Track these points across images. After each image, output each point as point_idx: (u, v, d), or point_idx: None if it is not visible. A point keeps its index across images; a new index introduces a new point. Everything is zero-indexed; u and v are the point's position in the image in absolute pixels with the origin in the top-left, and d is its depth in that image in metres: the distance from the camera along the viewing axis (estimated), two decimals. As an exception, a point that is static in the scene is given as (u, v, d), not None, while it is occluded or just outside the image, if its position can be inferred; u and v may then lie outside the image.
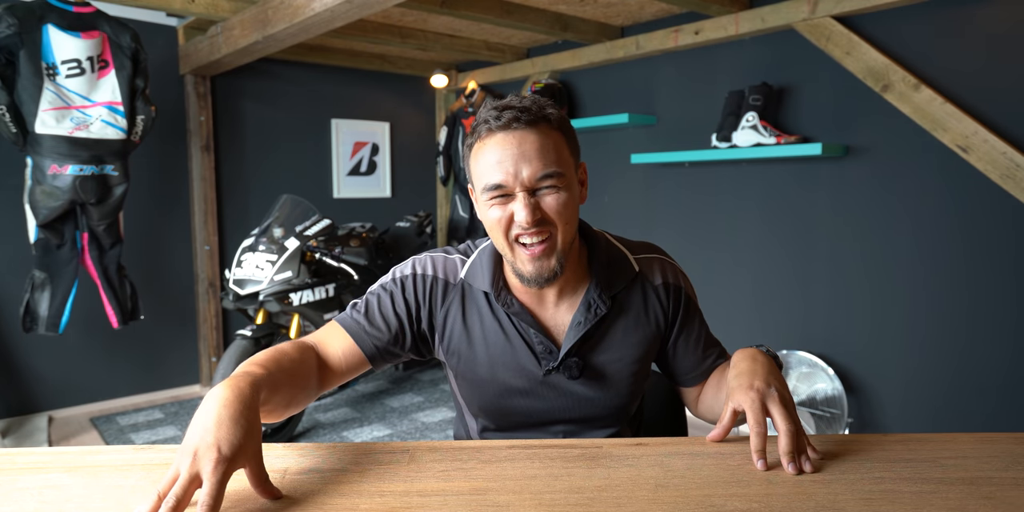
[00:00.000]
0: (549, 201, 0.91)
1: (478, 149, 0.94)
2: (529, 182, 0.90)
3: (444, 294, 1.04)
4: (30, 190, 2.66)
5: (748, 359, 0.92)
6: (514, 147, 0.90)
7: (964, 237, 2.31)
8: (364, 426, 3.15)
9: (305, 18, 2.37)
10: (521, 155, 0.89)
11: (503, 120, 0.90)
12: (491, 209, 0.93)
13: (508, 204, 0.92)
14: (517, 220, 0.91)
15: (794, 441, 0.81)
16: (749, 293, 2.97)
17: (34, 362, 3.16)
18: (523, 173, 0.89)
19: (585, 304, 1.01)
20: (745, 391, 0.85)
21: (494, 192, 0.91)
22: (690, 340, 1.08)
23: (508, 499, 0.72)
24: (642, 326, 1.05)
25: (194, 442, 0.69)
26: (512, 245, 0.94)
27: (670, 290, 1.07)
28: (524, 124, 0.90)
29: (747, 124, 2.65)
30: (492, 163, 0.91)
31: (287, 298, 2.79)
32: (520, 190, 0.90)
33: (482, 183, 0.92)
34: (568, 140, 0.95)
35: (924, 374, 2.45)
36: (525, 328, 1.02)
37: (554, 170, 0.90)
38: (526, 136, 0.90)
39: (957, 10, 2.27)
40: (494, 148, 0.91)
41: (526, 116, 0.90)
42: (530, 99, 0.93)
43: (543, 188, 0.91)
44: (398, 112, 4.32)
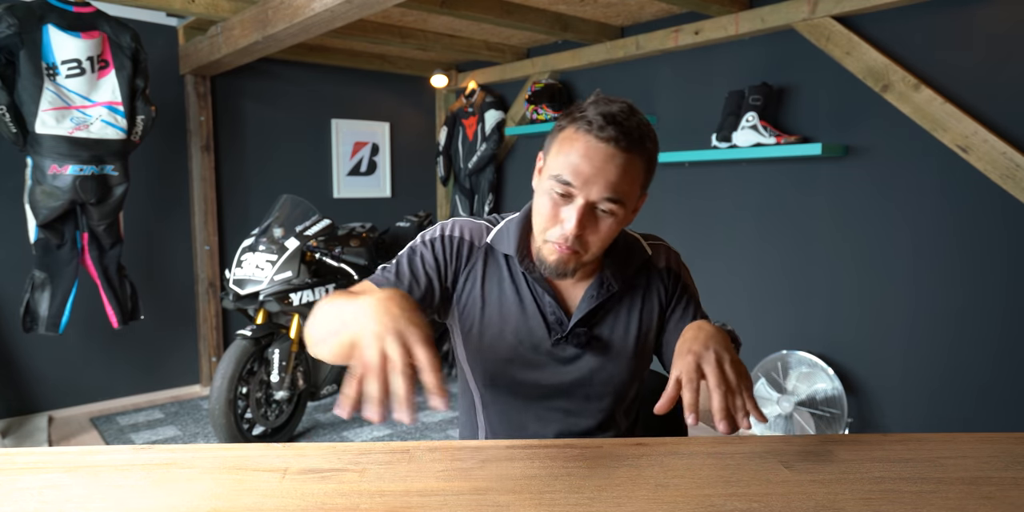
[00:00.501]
0: (600, 224, 0.96)
1: (568, 138, 0.95)
2: (595, 197, 0.93)
3: (468, 256, 1.08)
4: (30, 190, 2.66)
5: (693, 329, 0.94)
6: (600, 161, 0.92)
7: (964, 237, 2.31)
8: (364, 426, 3.15)
9: (305, 18, 2.37)
10: (602, 172, 0.92)
11: (605, 133, 0.91)
12: (546, 199, 0.96)
13: (563, 206, 0.95)
14: (565, 224, 0.95)
15: (724, 399, 0.79)
16: (749, 293, 2.97)
17: (34, 362, 3.16)
18: (594, 188, 0.93)
19: (599, 281, 1.07)
20: (682, 356, 0.86)
21: (560, 186, 0.94)
22: (685, 321, 1.12)
23: (508, 499, 0.72)
24: (647, 306, 1.11)
25: (389, 324, 0.73)
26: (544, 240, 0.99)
27: (670, 274, 1.14)
28: (621, 148, 0.92)
29: (747, 124, 2.65)
30: (573, 163, 0.93)
31: (287, 298, 2.79)
32: (582, 199, 0.94)
33: (555, 171, 0.95)
34: (647, 173, 0.99)
35: (924, 374, 2.45)
36: (541, 295, 1.06)
37: (619, 197, 0.94)
38: (617, 156, 0.92)
39: (957, 10, 2.27)
40: (582, 152, 0.93)
41: (626, 141, 0.92)
42: (637, 120, 0.95)
43: (601, 208, 0.95)
44: (398, 112, 4.32)
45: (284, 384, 2.81)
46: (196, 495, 0.72)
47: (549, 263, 0.99)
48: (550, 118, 3.56)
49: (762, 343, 2.90)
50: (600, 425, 1.11)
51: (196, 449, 0.84)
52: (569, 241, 0.95)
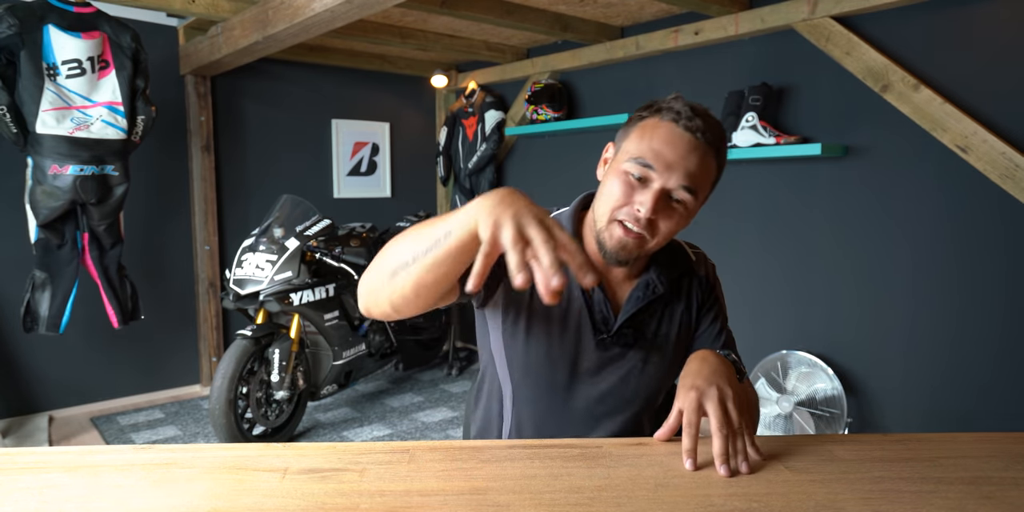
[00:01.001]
0: (671, 213, 0.96)
1: (651, 125, 0.96)
2: (673, 183, 0.93)
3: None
4: (30, 190, 2.66)
5: (697, 360, 0.95)
6: (683, 149, 0.93)
7: (963, 237, 2.31)
8: (364, 426, 3.15)
9: (305, 18, 2.37)
10: (685, 159, 0.93)
11: (693, 123, 0.93)
12: (619, 181, 0.95)
13: (638, 190, 0.95)
14: (639, 207, 0.94)
15: (725, 443, 0.81)
16: (749, 293, 2.97)
17: (34, 362, 3.16)
18: (675, 174, 0.93)
19: (644, 283, 1.07)
20: (686, 391, 0.87)
21: (639, 168, 0.94)
22: (711, 333, 1.13)
23: (508, 499, 0.72)
24: (686, 310, 1.12)
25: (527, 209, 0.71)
26: (612, 220, 0.97)
27: (707, 284, 1.15)
28: (704, 140, 0.94)
29: (747, 124, 2.65)
30: (656, 148, 0.94)
31: (287, 298, 2.79)
32: (659, 184, 0.93)
33: (634, 153, 0.95)
34: (717, 177, 0.99)
35: (924, 374, 2.45)
36: (592, 291, 1.05)
37: (694, 187, 0.94)
38: (699, 148, 0.94)
39: (957, 10, 2.27)
40: (667, 138, 0.94)
41: (710, 135, 0.94)
42: (718, 123, 0.98)
43: (676, 197, 0.95)
44: (398, 112, 4.32)
45: (284, 384, 2.81)
46: (196, 495, 0.72)
47: (611, 246, 0.97)
48: (550, 118, 3.56)
49: (762, 343, 2.90)
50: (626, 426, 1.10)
51: (196, 449, 0.84)
52: (642, 222, 0.94)
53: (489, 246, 0.70)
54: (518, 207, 0.71)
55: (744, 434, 0.84)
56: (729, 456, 0.80)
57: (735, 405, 0.85)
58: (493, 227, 0.70)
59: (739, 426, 0.84)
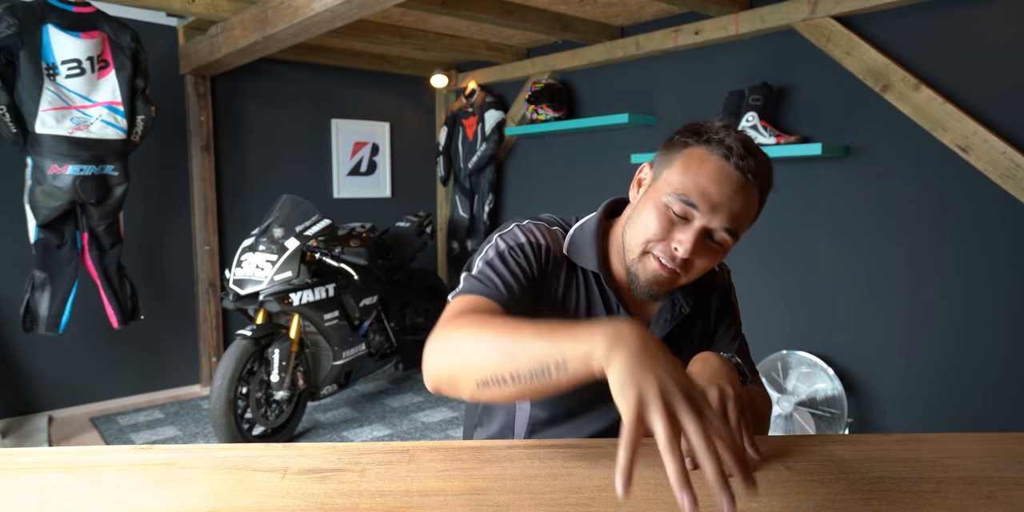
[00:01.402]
0: (709, 253, 0.93)
1: (700, 158, 0.90)
2: (716, 225, 0.90)
3: (554, 264, 1.01)
4: (30, 190, 2.66)
5: (699, 362, 0.94)
6: (731, 190, 0.89)
7: (964, 237, 2.31)
8: (364, 426, 3.15)
9: (305, 18, 2.37)
10: (731, 201, 0.89)
11: (744, 161, 0.88)
12: (657, 214, 0.92)
13: (677, 227, 0.91)
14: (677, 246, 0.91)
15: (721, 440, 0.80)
16: (749, 293, 2.97)
17: (34, 362, 3.16)
18: (719, 216, 0.89)
19: (671, 303, 1.05)
20: None
21: (682, 206, 0.90)
22: (725, 339, 1.13)
23: (508, 499, 0.72)
24: (709, 324, 1.11)
25: (673, 379, 0.61)
26: (646, 252, 0.94)
27: (725, 290, 1.14)
28: (752, 181, 0.89)
29: (747, 124, 2.65)
30: (702, 185, 0.89)
31: (287, 298, 2.79)
32: (701, 224, 0.90)
33: (678, 188, 0.90)
34: (757, 215, 0.96)
35: (924, 374, 2.45)
36: (619, 313, 1.02)
37: (736, 230, 0.92)
38: (747, 189, 0.90)
39: (957, 10, 2.27)
40: (715, 176, 0.89)
41: (759, 178, 0.90)
42: (766, 159, 0.93)
43: (716, 238, 0.92)
44: (398, 112, 4.32)
45: (284, 384, 2.81)
46: (196, 495, 0.72)
47: (644, 280, 0.95)
48: (550, 118, 3.56)
49: (762, 343, 2.90)
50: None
51: (196, 449, 0.84)
52: (677, 261, 0.92)
53: (635, 434, 0.58)
54: (661, 375, 0.60)
55: (743, 434, 0.84)
56: None
57: (735, 405, 0.85)
58: (637, 406, 0.59)
59: (737, 426, 0.84)
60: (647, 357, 0.62)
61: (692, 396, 0.61)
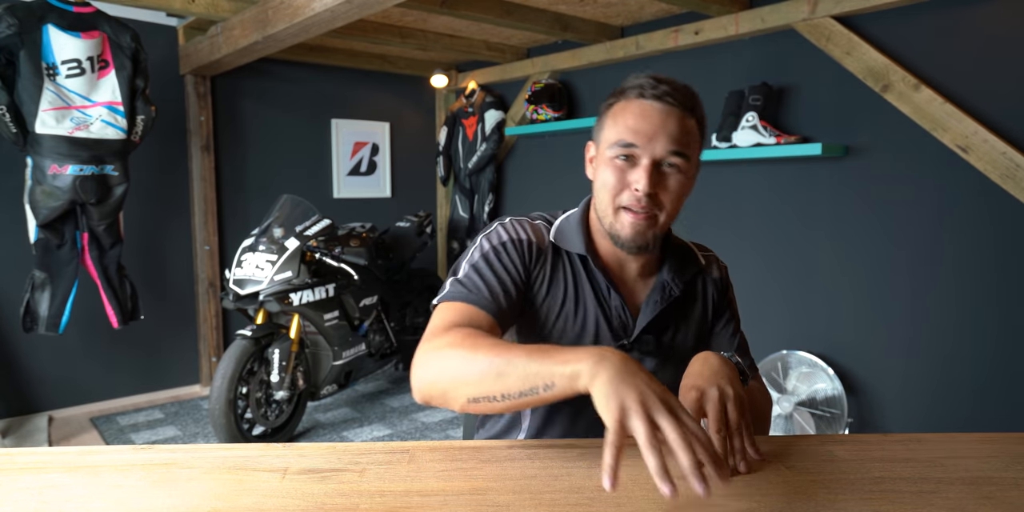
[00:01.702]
0: (670, 181, 0.94)
1: (621, 108, 0.95)
2: (660, 153, 0.92)
3: (538, 257, 1.04)
4: (30, 190, 2.66)
5: (699, 361, 0.94)
6: (658, 118, 0.92)
7: (964, 237, 2.31)
8: (364, 426, 3.15)
9: (305, 18, 2.37)
10: (663, 127, 0.92)
11: (659, 90, 0.92)
12: (609, 169, 0.95)
13: (629, 171, 0.94)
14: (636, 186, 0.93)
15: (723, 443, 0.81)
16: (749, 293, 2.97)
17: (34, 362, 3.16)
18: (658, 144, 0.92)
19: (660, 285, 1.06)
20: (686, 392, 0.88)
21: (623, 149, 0.93)
22: (725, 335, 1.13)
23: (508, 499, 0.72)
24: (703, 314, 1.11)
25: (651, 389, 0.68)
26: (616, 208, 0.96)
27: (722, 285, 1.15)
28: (676, 103, 0.93)
29: (747, 124, 2.65)
30: (631, 125, 0.93)
31: (287, 298, 2.79)
32: (647, 158, 0.93)
33: (613, 139, 0.94)
34: (701, 138, 0.98)
35: (924, 374, 2.45)
36: (607, 297, 1.04)
37: (683, 150, 0.93)
38: (673, 113, 0.93)
39: (957, 10, 2.27)
40: (638, 113, 0.93)
41: (680, 96, 0.93)
42: (685, 86, 0.96)
43: (668, 165, 0.94)
44: (398, 112, 4.32)
45: (284, 384, 2.81)
46: (196, 495, 0.72)
47: (626, 235, 0.96)
48: (550, 118, 3.56)
49: (762, 343, 2.90)
50: None
51: (196, 449, 0.84)
52: (643, 201, 0.93)
53: (618, 438, 0.65)
54: (640, 387, 0.68)
55: (743, 434, 0.84)
56: (727, 455, 0.80)
57: (735, 405, 0.86)
58: (619, 414, 0.66)
59: (737, 426, 0.84)
60: (628, 373, 0.69)
61: (670, 403, 0.67)
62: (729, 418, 0.84)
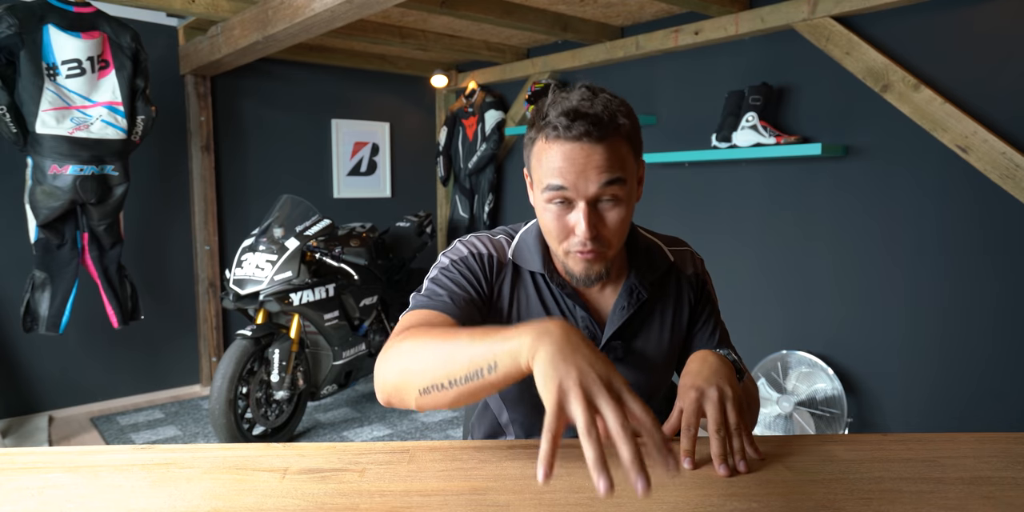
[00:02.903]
0: (610, 217, 0.92)
1: (542, 148, 0.91)
2: (593, 192, 0.89)
3: (499, 271, 1.04)
4: (30, 190, 2.66)
5: (698, 360, 0.95)
6: (581, 160, 0.88)
7: (963, 237, 2.31)
8: (364, 426, 3.15)
9: (305, 18, 2.37)
10: (588, 164, 0.88)
11: (573, 132, 0.87)
12: (549, 214, 0.93)
13: (567, 213, 0.92)
14: (577, 231, 0.91)
15: (722, 444, 0.81)
16: (749, 293, 2.97)
17: (34, 362, 3.16)
18: (588, 184, 0.88)
19: (627, 290, 1.04)
20: (685, 391, 0.88)
21: (555, 193, 0.90)
22: (706, 330, 1.12)
23: (508, 499, 0.72)
24: (676, 313, 1.09)
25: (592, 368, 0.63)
26: (566, 253, 0.95)
27: (697, 281, 1.12)
28: (595, 139, 0.87)
29: (747, 124, 2.65)
30: (556, 168, 0.89)
31: (287, 298, 2.79)
32: (581, 200, 0.90)
33: (543, 181, 0.91)
34: (635, 146, 0.94)
35: (924, 374, 2.45)
36: (572, 309, 1.03)
37: (617, 176, 0.89)
38: (595, 149, 0.88)
39: (957, 10, 2.27)
40: (558, 156, 0.89)
41: (598, 131, 0.87)
42: (602, 103, 0.89)
43: (604, 199, 0.91)
44: (398, 112, 4.32)
45: (284, 384, 2.81)
46: (196, 495, 0.72)
47: (579, 274, 0.96)
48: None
49: (762, 343, 2.90)
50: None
51: (196, 449, 0.84)
52: (588, 245, 0.92)
53: (555, 423, 0.60)
54: (581, 365, 0.63)
55: (742, 434, 0.84)
56: (727, 456, 0.81)
57: (734, 406, 0.86)
58: (558, 394, 0.61)
59: (737, 426, 0.84)
60: (568, 349, 0.65)
61: (612, 384, 0.63)
62: (728, 418, 0.84)
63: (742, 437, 0.83)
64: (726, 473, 0.79)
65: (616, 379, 0.64)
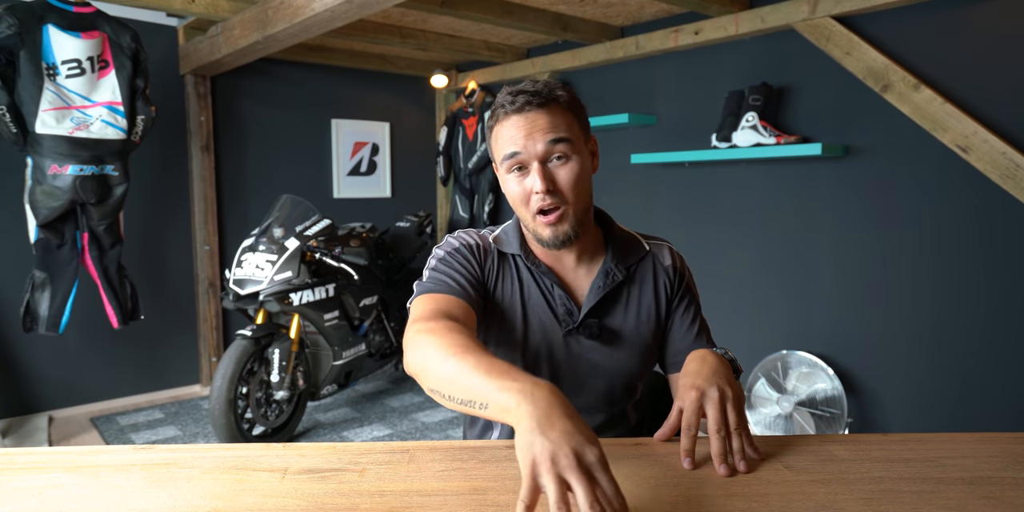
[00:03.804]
0: (561, 173, 1.00)
1: (497, 130, 1.03)
2: (542, 151, 0.99)
3: (486, 257, 1.11)
4: (30, 190, 2.66)
5: (697, 360, 0.96)
6: (527, 125, 0.99)
7: (963, 237, 2.31)
8: (364, 426, 3.15)
9: (305, 18, 2.37)
10: (533, 127, 0.99)
11: (517, 104, 0.99)
12: (512, 182, 1.02)
13: (525, 178, 1.01)
14: (535, 189, 0.99)
15: (722, 444, 0.82)
16: (749, 293, 2.97)
17: (34, 362, 3.16)
18: (536, 144, 0.99)
19: (604, 271, 1.10)
20: (686, 391, 0.89)
21: (511, 161, 1.00)
22: (684, 324, 1.14)
23: (508, 499, 0.72)
24: (653, 297, 1.13)
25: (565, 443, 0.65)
26: (532, 215, 1.03)
27: (676, 272, 1.16)
28: (536, 106, 0.99)
29: (747, 124, 2.65)
30: (507, 138, 1.00)
31: (287, 298, 2.79)
32: (534, 160, 0.99)
33: (501, 155, 1.02)
34: (578, 117, 1.04)
35: (924, 374, 2.45)
36: (550, 288, 1.09)
37: (563, 136, 0.99)
38: (538, 115, 0.99)
39: (957, 10, 2.27)
40: (510, 128, 1.00)
41: (537, 99, 0.99)
42: (542, 82, 1.02)
43: (554, 157, 1.00)
44: (398, 112, 4.32)
45: (284, 384, 2.81)
46: (196, 495, 0.72)
47: (547, 235, 1.02)
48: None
49: (762, 343, 2.90)
50: (612, 419, 1.13)
51: (196, 449, 0.84)
52: (546, 198, 0.99)
53: (529, 494, 0.63)
54: (555, 441, 0.65)
55: (743, 434, 0.84)
56: (727, 455, 0.81)
57: (734, 406, 0.86)
58: (531, 469, 0.64)
59: (737, 426, 0.84)
60: (546, 422, 0.67)
61: (583, 460, 0.65)
62: (728, 419, 0.85)
63: (742, 437, 0.84)
64: (726, 473, 0.79)
65: (589, 453, 0.66)
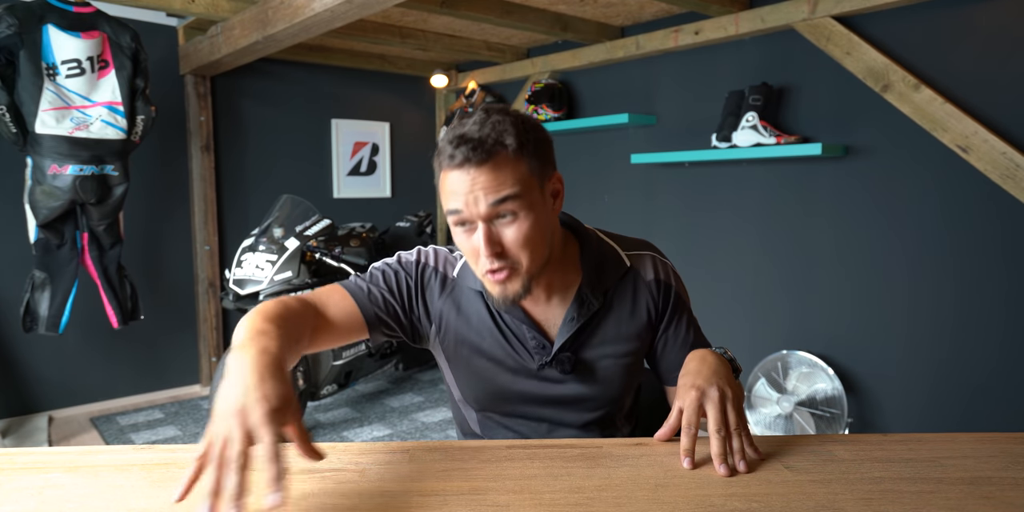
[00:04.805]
0: (508, 233, 0.91)
1: (440, 177, 0.94)
2: (484, 213, 0.90)
3: (442, 286, 1.07)
4: (30, 190, 2.66)
5: (696, 359, 0.95)
6: (467, 185, 0.89)
7: (963, 237, 2.31)
8: (364, 426, 3.15)
9: (305, 18, 2.37)
10: (474, 186, 0.89)
11: (456, 159, 0.89)
12: (458, 234, 0.95)
13: (472, 234, 0.93)
14: (480, 252, 0.92)
15: (722, 444, 0.82)
16: (749, 293, 2.97)
17: (34, 362, 3.16)
18: (479, 206, 0.89)
19: (578, 300, 1.03)
20: (686, 390, 0.88)
21: (455, 217, 0.92)
22: (677, 339, 1.08)
23: (508, 499, 0.72)
24: (633, 321, 1.06)
25: (237, 400, 0.68)
26: (483, 275, 0.96)
27: (660, 287, 1.08)
28: (476, 163, 0.89)
29: (747, 124, 2.65)
30: (449, 192, 0.92)
31: (287, 298, 2.79)
32: (478, 221, 0.91)
33: (445, 207, 0.94)
34: (531, 161, 0.93)
35: (924, 374, 2.45)
36: (516, 326, 1.04)
37: (508, 193, 0.89)
38: (479, 173, 0.89)
39: (957, 10, 2.27)
40: (451, 182, 0.91)
41: (478, 154, 0.88)
42: (490, 126, 0.90)
43: (501, 216, 0.91)
44: (398, 112, 4.32)
45: (284, 384, 2.81)
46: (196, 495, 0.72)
47: (498, 295, 0.96)
48: (550, 118, 3.56)
49: (762, 343, 2.90)
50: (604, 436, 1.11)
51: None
52: (492, 263, 0.92)
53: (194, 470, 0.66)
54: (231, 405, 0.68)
55: (743, 434, 0.84)
56: (727, 455, 0.81)
57: (734, 406, 0.86)
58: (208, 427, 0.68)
59: (737, 426, 0.84)
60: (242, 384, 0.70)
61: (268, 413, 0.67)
62: (729, 419, 0.85)
63: (742, 437, 0.84)
64: (726, 473, 0.79)
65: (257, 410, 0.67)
